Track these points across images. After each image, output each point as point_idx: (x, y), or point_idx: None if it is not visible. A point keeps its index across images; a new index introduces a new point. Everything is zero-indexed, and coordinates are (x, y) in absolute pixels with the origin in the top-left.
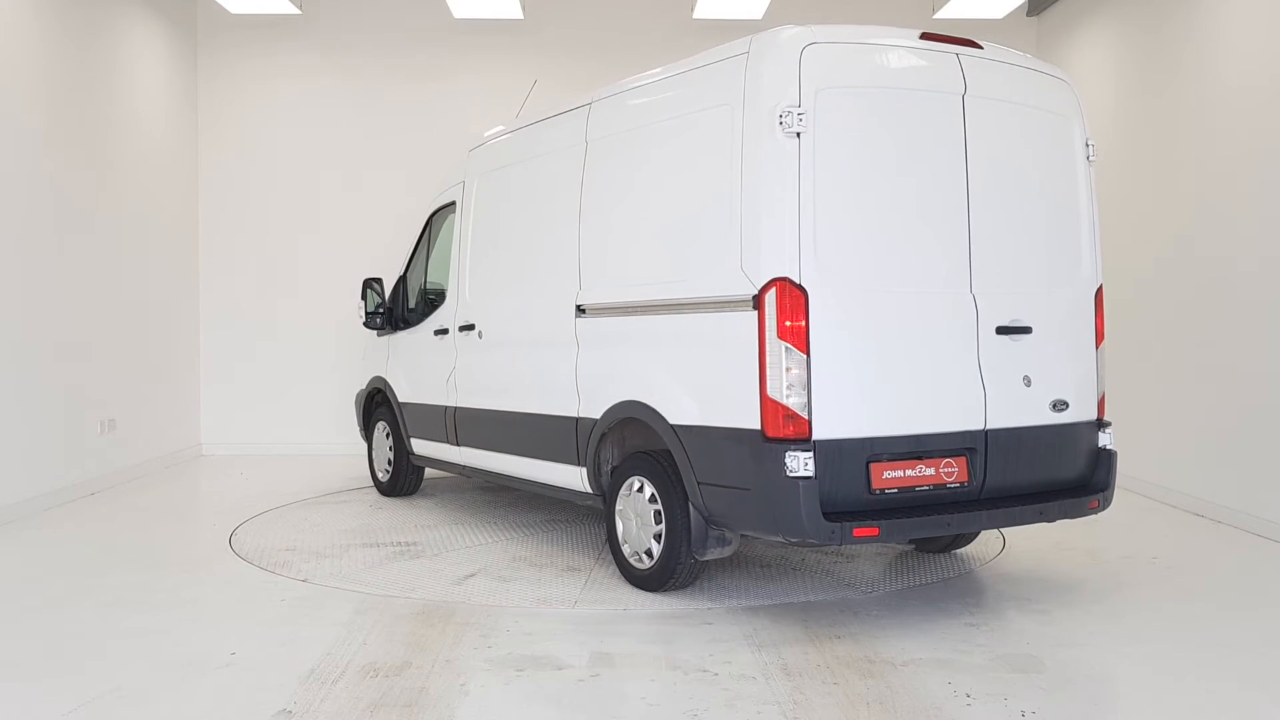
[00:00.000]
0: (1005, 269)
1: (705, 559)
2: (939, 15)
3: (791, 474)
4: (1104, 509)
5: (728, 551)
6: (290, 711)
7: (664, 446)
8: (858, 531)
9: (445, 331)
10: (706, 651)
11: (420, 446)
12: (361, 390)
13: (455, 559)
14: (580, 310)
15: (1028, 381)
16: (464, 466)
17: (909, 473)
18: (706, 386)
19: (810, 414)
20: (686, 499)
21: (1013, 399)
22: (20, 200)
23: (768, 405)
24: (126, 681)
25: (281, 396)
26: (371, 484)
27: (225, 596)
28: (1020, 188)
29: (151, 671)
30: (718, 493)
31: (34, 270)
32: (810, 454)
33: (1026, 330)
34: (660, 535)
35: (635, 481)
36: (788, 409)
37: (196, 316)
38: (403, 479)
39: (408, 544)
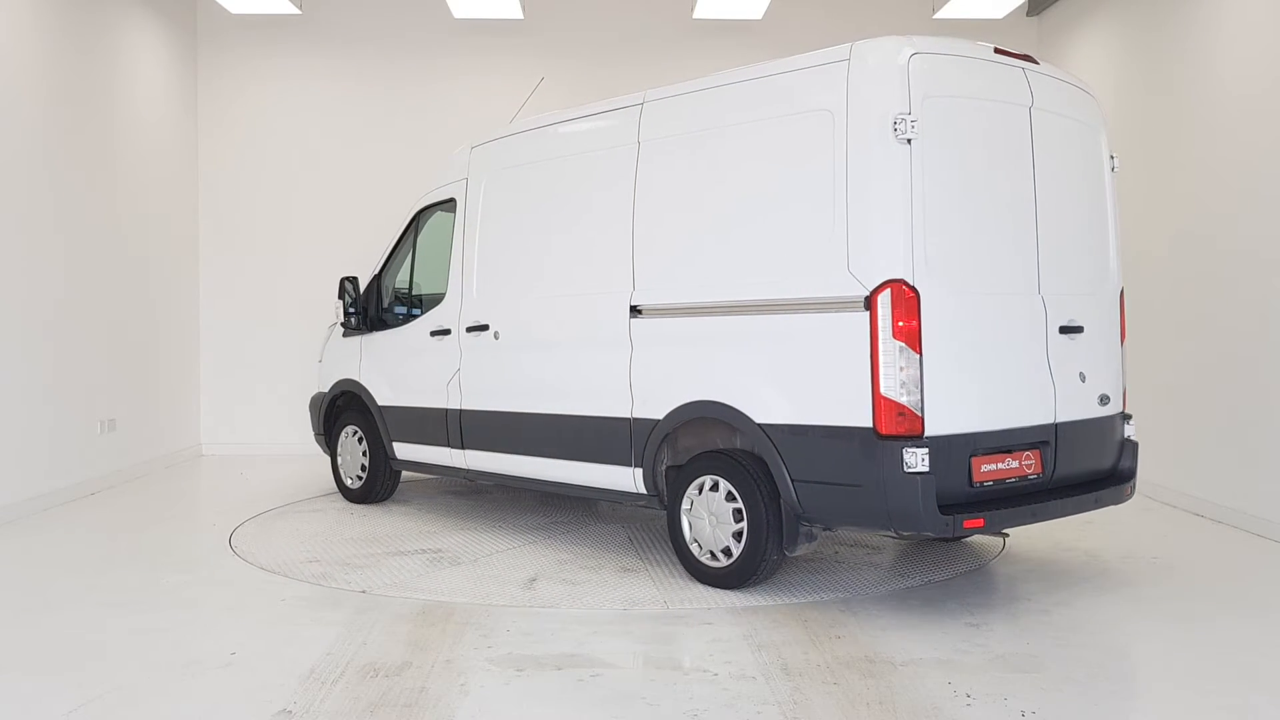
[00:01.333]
0: (1063, 272)
1: (794, 555)
2: (939, 15)
3: (909, 470)
4: (1132, 496)
5: (813, 547)
6: (290, 711)
7: (741, 446)
8: (967, 523)
9: (446, 332)
10: (706, 651)
11: (406, 451)
12: (321, 394)
13: (498, 564)
14: (635, 311)
15: (1082, 378)
16: (467, 470)
17: (999, 466)
18: (803, 385)
19: (923, 411)
20: (772, 497)
21: (1073, 394)
22: (20, 200)
23: (881, 403)
24: (126, 681)
25: (281, 397)
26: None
27: (225, 596)
28: (1069, 194)
29: (151, 671)
30: (818, 489)
31: (34, 270)
32: (926, 450)
33: (1080, 330)
34: (741, 533)
35: (706, 481)
36: (902, 407)
37: (196, 316)
38: (380, 485)
39: (435, 550)
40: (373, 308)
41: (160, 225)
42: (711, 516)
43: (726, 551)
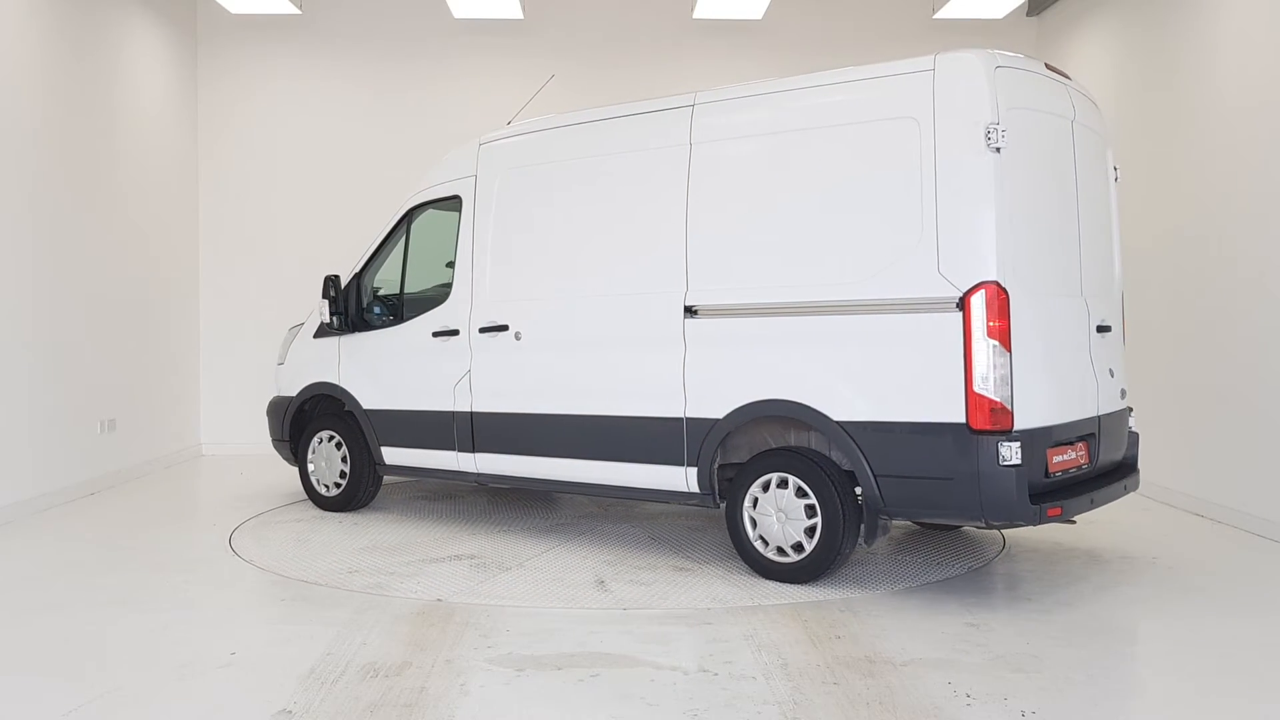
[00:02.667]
0: (1095, 275)
1: (871, 547)
2: (939, 15)
3: (1004, 463)
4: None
5: (884, 538)
6: (290, 711)
7: (814, 444)
8: (1050, 511)
9: (453, 333)
10: (706, 651)
11: (397, 456)
12: (286, 398)
13: (548, 567)
14: (691, 311)
15: (1111, 374)
16: (477, 475)
17: (1064, 457)
18: (888, 383)
19: (1013, 406)
20: (847, 492)
21: (1106, 389)
22: (20, 200)
23: (974, 400)
24: (126, 681)
25: None
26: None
27: (225, 596)
28: (1094, 201)
29: (151, 671)
30: (903, 484)
31: (34, 270)
32: (1018, 444)
33: (1109, 329)
34: (814, 529)
35: (773, 478)
36: (994, 402)
37: (196, 317)
38: (363, 492)
39: (470, 556)
40: (353, 308)
41: (160, 225)
42: (780, 513)
43: (797, 547)
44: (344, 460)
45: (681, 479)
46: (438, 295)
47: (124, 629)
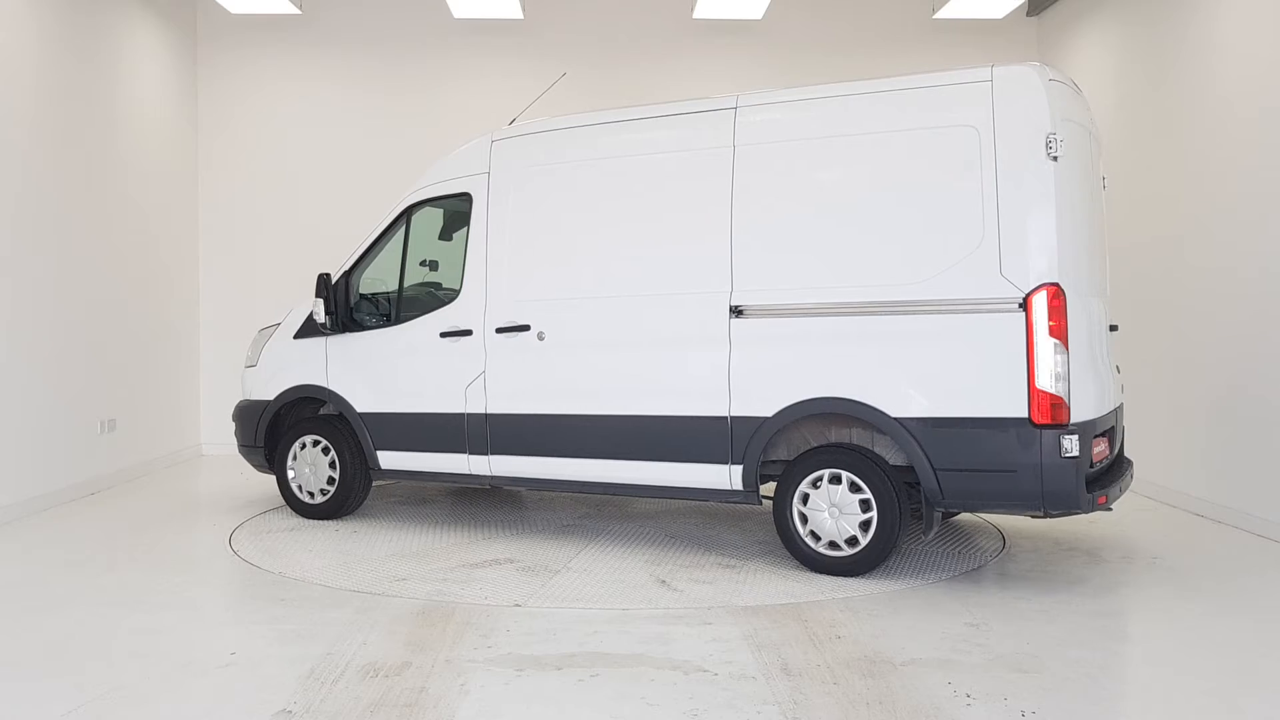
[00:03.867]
0: (1106, 276)
1: (929, 538)
2: (939, 15)
3: (1066, 454)
4: None
5: (937, 530)
6: (290, 711)
7: (866, 440)
8: (1099, 500)
9: (465, 333)
10: (706, 651)
11: (396, 460)
12: (260, 402)
13: (593, 567)
14: (737, 311)
15: (1118, 370)
16: (491, 477)
17: (1099, 449)
18: (948, 380)
19: (1070, 401)
20: (900, 486)
21: (1116, 383)
22: (20, 200)
23: (1037, 395)
24: (126, 681)
25: None
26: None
27: (225, 596)
28: (1099, 206)
29: (151, 671)
30: (964, 476)
31: (34, 270)
32: (1077, 436)
33: (1116, 328)
34: (868, 523)
35: (824, 474)
36: (1055, 398)
37: (196, 316)
38: (354, 498)
39: (508, 560)
40: (342, 307)
41: (160, 225)
42: (833, 508)
43: (851, 541)
44: (332, 466)
45: (725, 477)
46: (444, 294)
47: (124, 629)
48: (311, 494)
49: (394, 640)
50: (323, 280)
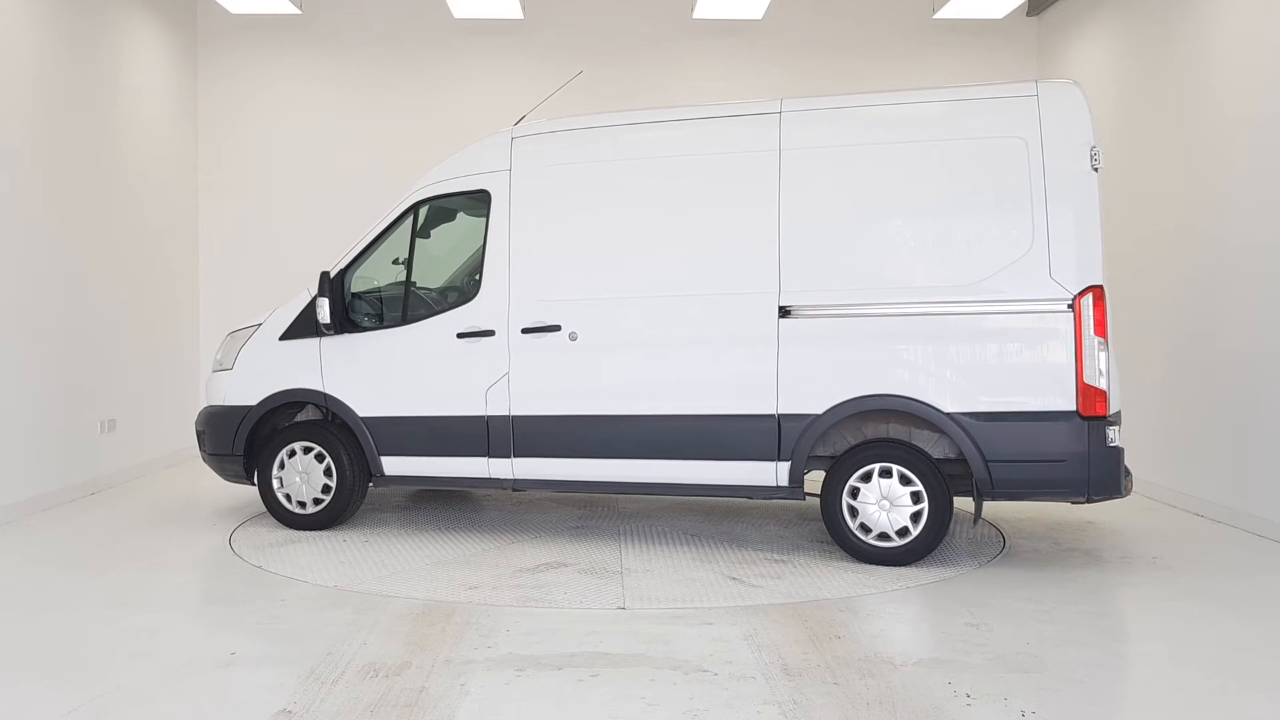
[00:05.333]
0: None
1: (976, 525)
2: (939, 15)
3: (1111, 444)
4: None
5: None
6: (290, 711)
7: (915, 436)
8: (1129, 484)
9: (486, 334)
10: (706, 651)
11: (402, 465)
12: (239, 407)
13: (647, 568)
14: (784, 311)
15: None
16: (513, 481)
17: None
18: (999, 376)
19: (1110, 394)
20: (946, 479)
21: None
22: (20, 201)
23: (1085, 390)
24: (126, 681)
25: None
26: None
27: (225, 596)
28: None
29: (151, 671)
30: (1015, 467)
31: (35, 270)
32: (1118, 426)
33: None
34: (919, 514)
35: (874, 469)
36: (1101, 391)
37: (197, 317)
38: (351, 506)
39: (558, 563)
40: (339, 308)
41: (160, 225)
42: (884, 501)
43: (902, 532)
44: (327, 473)
45: (771, 474)
46: (459, 293)
47: (124, 629)
48: (303, 504)
49: (394, 640)
50: (324, 279)
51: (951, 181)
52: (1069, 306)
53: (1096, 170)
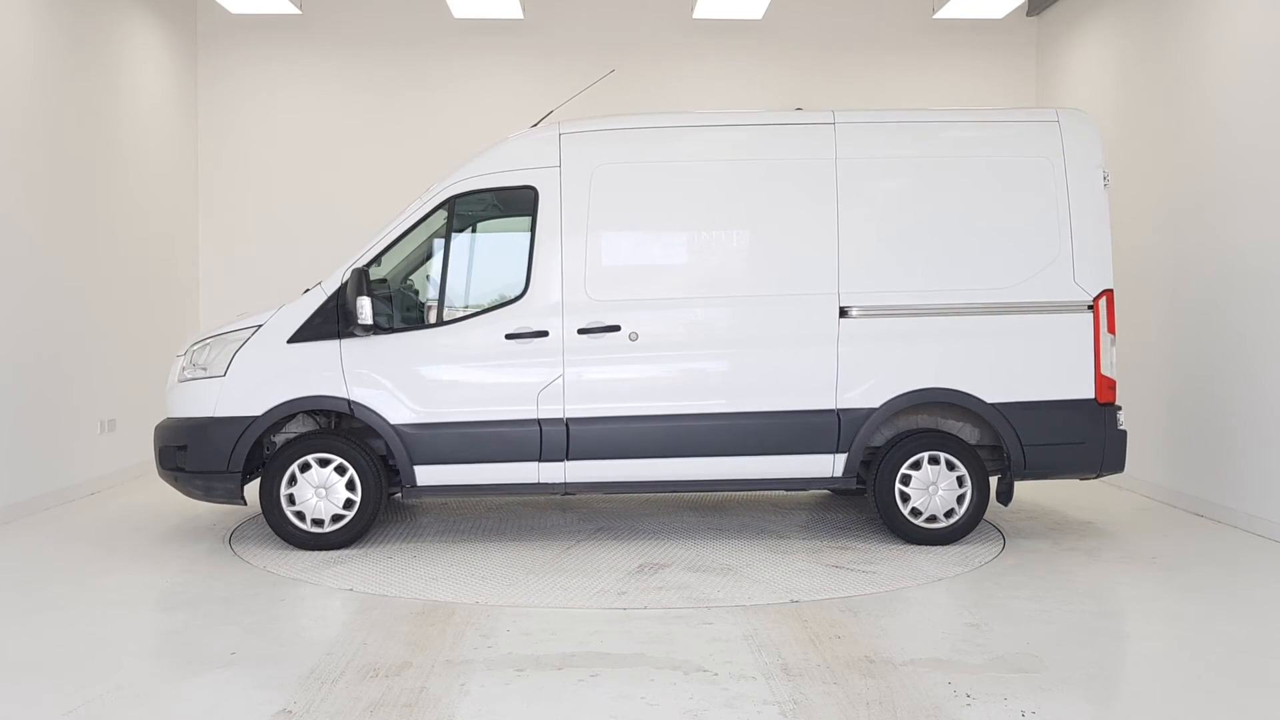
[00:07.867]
0: None
1: (1008, 506)
2: (939, 15)
3: (1121, 427)
4: None
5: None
6: (290, 711)
7: (960, 424)
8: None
9: (540, 335)
10: (706, 651)
11: (440, 474)
12: (238, 418)
13: (748, 563)
14: (844, 311)
15: None
16: (565, 484)
17: None
18: (1032, 369)
19: (1116, 383)
20: (983, 463)
21: None
22: (20, 201)
23: (1101, 380)
24: (126, 681)
25: None
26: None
27: (225, 596)
28: None
29: (151, 671)
30: (1046, 449)
31: (35, 270)
32: (1123, 412)
33: None
34: (964, 497)
35: (924, 456)
36: (1113, 381)
37: (197, 317)
38: (373, 521)
39: (657, 564)
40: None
41: (160, 225)
42: (933, 486)
43: (949, 514)
44: (349, 487)
45: (829, 466)
46: (502, 293)
47: (124, 629)
48: (319, 521)
49: (394, 640)
50: (361, 276)
51: (995, 194)
52: (1089, 307)
53: (1106, 187)
